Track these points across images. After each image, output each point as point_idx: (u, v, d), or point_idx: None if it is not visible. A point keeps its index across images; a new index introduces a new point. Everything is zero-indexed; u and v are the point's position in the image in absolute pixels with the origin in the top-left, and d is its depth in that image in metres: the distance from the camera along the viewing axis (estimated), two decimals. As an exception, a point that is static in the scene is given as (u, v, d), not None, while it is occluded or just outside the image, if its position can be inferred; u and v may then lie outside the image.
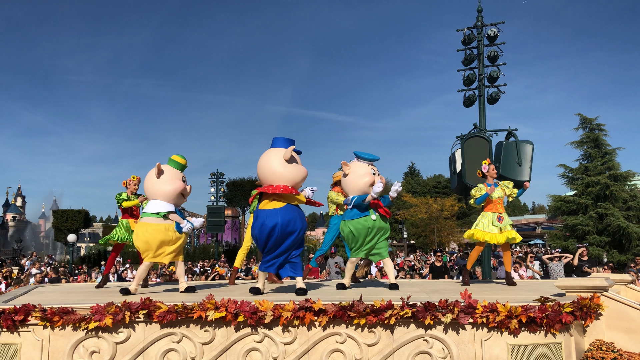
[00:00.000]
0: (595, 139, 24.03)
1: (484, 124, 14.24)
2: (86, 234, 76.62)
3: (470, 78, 14.41)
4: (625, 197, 22.82)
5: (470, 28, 14.52)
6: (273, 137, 6.43)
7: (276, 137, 6.42)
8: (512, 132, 13.74)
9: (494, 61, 14.29)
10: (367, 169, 6.83)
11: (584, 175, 23.65)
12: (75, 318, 5.04)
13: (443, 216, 41.98)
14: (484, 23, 14.46)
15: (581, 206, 23.22)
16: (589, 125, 24.53)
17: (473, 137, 13.63)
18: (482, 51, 14.42)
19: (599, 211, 22.47)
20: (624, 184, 23.40)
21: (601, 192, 22.72)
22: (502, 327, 4.80)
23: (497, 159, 13.48)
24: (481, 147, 13.40)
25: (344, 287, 6.98)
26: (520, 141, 13.51)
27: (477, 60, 14.46)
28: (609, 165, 23.37)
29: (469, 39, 14.46)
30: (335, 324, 5.02)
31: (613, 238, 21.97)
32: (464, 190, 14.66)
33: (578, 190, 23.83)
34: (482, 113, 14.31)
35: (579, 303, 5.06)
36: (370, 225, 6.72)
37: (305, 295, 5.91)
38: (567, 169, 24.80)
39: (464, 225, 50.64)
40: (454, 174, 14.40)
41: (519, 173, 13.25)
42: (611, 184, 22.58)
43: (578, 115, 24.84)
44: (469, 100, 14.49)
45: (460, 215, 46.63)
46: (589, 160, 24.10)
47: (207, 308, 5.01)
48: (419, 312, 4.87)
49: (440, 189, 54.90)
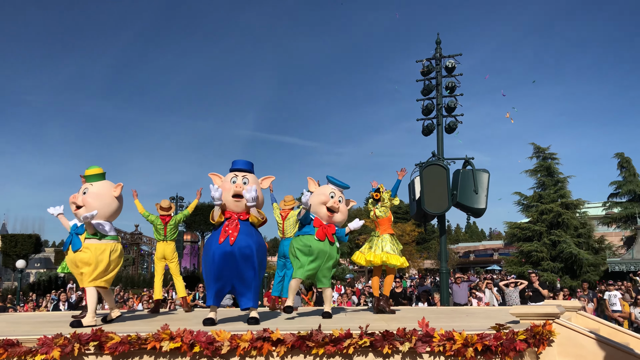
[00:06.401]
0: (547, 168, 24.96)
1: (442, 152, 14.57)
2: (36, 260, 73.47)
3: (428, 108, 14.77)
4: (576, 224, 23.66)
5: (429, 59, 14.95)
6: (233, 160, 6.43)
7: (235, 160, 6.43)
8: (469, 161, 14.11)
9: (451, 92, 14.69)
10: (327, 190, 6.87)
11: (538, 203, 24.44)
12: (20, 351, 4.80)
13: (403, 241, 42.35)
14: (442, 55, 14.91)
15: (536, 233, 23.92)
16: (542, 154, 25.50)
17: (431, 165, 13.91)
18: (440, 82, 14.82)
19: (552, 238, 23.20)
20: (575, 211, 24.28)
21: (554, 219, 23.50)
22: (458, 355, 4.84)
23: (455, 187, 13.79)
24: (439, 175, 13.68)
25: (290, 309, 6.82)
26: (477, 169, 13.88)
27: (436, 91, 14.85)
28: (561, 193, 24.26)
29: (428, 70, 14.86)
30: (294, 354, 4.95)
31: (565, 264, 22.68)
32: (422, 217, 14.91)
33: (533, 217, 24.58)
34: (440, 142, 14.65)
35: (532, 330, 5.17)
36: (311, 245, 6.58)
37: (257, 324, 5.82)
38: (522, 196, 25.60)
39: (423, 251, 51.28)
40: (413, 201, 14.63)
41: (475, 201, 13.59)
42: (563, 211, 23.39)
43: (532, 145, 25.83)
44: (427, 129, 14.83)
45: (420, 240, 47.21)
46: (542, 189, 24.97)
47: (161, 339, 4.86)
48: (377, 341, 4.86)
49: (401, 214, 55.52)
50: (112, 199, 6.57)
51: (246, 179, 6.16)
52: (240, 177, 6.16)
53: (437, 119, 14.76)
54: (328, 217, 6.75)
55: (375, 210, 7.81)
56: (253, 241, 6.04)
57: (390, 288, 7.96)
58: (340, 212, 6.84)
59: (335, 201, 6.78)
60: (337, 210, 6.80)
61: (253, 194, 5.93)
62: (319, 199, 6.78)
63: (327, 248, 6.68)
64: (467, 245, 67.70)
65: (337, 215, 6.81)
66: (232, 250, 5.91)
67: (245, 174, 6.23)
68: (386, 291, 7.86)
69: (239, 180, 6.12)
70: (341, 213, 6.88)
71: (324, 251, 6.65)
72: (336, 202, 6.78)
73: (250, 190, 5.95)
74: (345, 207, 6.97)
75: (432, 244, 54.85)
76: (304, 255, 6.61)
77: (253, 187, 6.05)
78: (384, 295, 7.82)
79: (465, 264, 53.66)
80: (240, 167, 6.31)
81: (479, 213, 14.10)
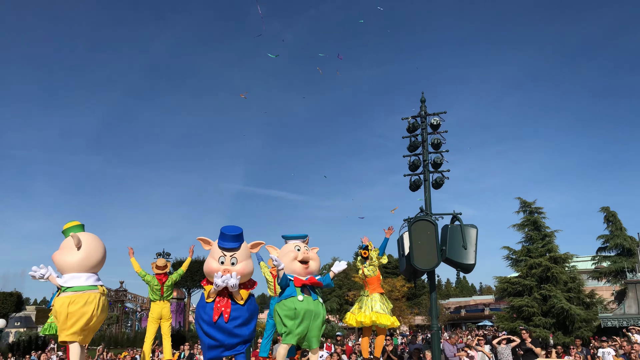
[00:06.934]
0: (534, 222, 25.12)
1: (430, 207, 14.65)
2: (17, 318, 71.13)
3: (415, 164, 14.97)
4: (565, 279, 23.60)
5: (415, 117, 15.28)
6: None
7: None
8: (457, 216, 14.17)
9: (437, 148, 14.92)
10: (291, 246, 6.92)
11: (526, 257, 24.44)
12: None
13: (393, 297, 41.79)
14: (427, 113, 15.26)
15: (526, 287, 23.78)
16: (528, 209, 25.73)
17: (420, 221, 13.94)
18: (426, 138, 15.09)
19: (543, 292, 23.06)
20: (564, 265, 24.28)
21: (543, 273, 23.45)
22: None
23: (444, 242, 13.79)
24: (428, 230, 13.69)
25: None
26: (465, 225, 13.92)
27: (422, 147, 15.08)
28: (549, 248, 24.31)
29: (414, 127, 15.16)
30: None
31: (557, 320, 22.43)
32: (412, 273, 14.80)
33: (522, 272, 24.51)
34: (428, 197, 14.76)
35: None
36: (295, 307, 6.50)
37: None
38: (511, 251, 25.61)
39: (414, 307, 50.50)
40: (403, 257, 14.56)
41: (464, 256, 13.55)
42: (551, 266, 23.37)
43: (518, 199, 26.09)
44: (414, 185, 14.97)
45: (410, 296, 46.58)
46: (530, 243, 25.04)
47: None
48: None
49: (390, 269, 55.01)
50: (74, 250, 6.39)
51: (234, 258, 6.26)
52: (228, 258, 6.26)
53: (424, 175, 14.91)
54: (304, 269, 6.78)
55: (363, 269, 7.82)
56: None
57: (381, 349, 7.85)
58: (312, 259, 6.87)
59: (304, 252, 6.84)
60: (309, 259, 6.81)
61: (233, 281, 6.07)
62: (288, 257, 6.84)
63: (312, 307, 6.62)
64: (458, 300, 66.92)
65: (312, 263, 6.86)
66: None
67: (233, 253, 6.29)
68: (377, 352, 7.75)
69: (227, 261, 6.25)
70: (313, 261, 6.91)
71: (309, 311, 6.58)
72: (305, 252, 6.83)
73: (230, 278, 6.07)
74: (314, 254, 7.00)
75: (423, 299, 54.13)
76: (290, 319, 6.52)
77: (233, 274, 6.13)
78: (375, 357, 7.71)
79: (456, 320, 52.88)
80: (229, 246, 6.33)
81: (468, 269, 14.03)
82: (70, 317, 6.18)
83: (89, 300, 6.31)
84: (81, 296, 6.28)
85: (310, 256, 6.84)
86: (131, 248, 8.87)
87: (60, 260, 6.29)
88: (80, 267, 6.44)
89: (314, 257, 6.92)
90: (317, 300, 6.73)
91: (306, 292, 6.65)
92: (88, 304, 6.28)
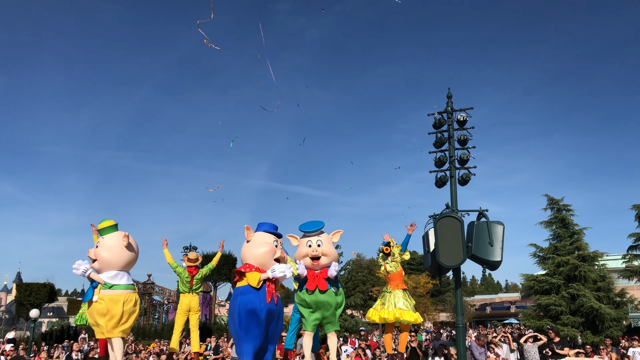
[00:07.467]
0: (562, 219, 24.70)
1: (456, 204, 14.56)
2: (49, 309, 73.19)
3: (441, 160, 14.87)
4: (594, 277, 23.16)
5: (441, 113, 15.16)
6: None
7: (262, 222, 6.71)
8: (483, 213, 14.06)
9: (463, 144, 14.78)
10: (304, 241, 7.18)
11: (554, 255, 24.07)
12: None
13: (417, 293, 41.63)
14: (453, 108, 15.13)
15: (553, 286, 23.43)
16: (556, 206, 25.30)
17: (445, 217, 13.87)
18: (452, 135, 14.97)
19: (571, 291, 22.68)
20: (592, 264, 23.82)
21: (571, 272, 23.05)
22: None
23: (470, 239, 13.70)
24: (453, 227, 13.62)
25: None
26: (491, 222, 13.81)
27: (448, 143, 14.97)
28: (577, 245, 23.88)
29: (440, 123, 15.04)
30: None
31: (587, 319, 22.05)
32: (437, 269, 14.75)
33: (549, 269, 24.15)
34: (454, 194, 14.67)
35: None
36: (306, 299, 6.90)
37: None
38: (538, 248, 25.24)
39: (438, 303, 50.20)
40: (428, 253, 14.52)
41: (490, 253, 13.45)
42: (580, 264, 22.95)
43: (545, 196, 25.68)
44: (440, 181, 14.89)
45: (434, 292, 46.33)
46: (558, 240, 24.63)
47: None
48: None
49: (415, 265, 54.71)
50: (123, 249, 6.68)
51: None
52: (314, 240, 7.05)
53: (450, 171, 14.82)
54: (314, 265, 6.91)
55: (385, 265, 7.88)
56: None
57: (405, 345, 7.92)
58: (324, 255, 6.94)
59: (314, 249, 6.97)
60: (320, 255, 6.91)
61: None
62: (299, 253, 7.12)
63: (320, 298, 6.90)
64: (483, 297, 66.17)
65: (322, 259, 6.95)
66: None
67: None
68: (401, 348, 7.82)
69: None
70: (325, 256, 6.97)
71: (319, 302, 6.90)
72: (315, 250, 6.95)
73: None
74: (329, 248, 7.06)
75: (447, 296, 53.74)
76: (304, 309, 6.96)
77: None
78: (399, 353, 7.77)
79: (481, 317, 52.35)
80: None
81: (494, 266, 13.92)
82: (125, 314, 6.52)
83: (137, 299, 6.77)
84: (132, 295, 6.68)
85: (321, 252, 6.98)
86: (165, 239, 9.09)
87: (107, 258, 6.52)
88: (126, 266, 6.79)
89: (327, 252, 7.03)
90: (330, 290, 6.88)
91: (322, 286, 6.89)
92: (137, 303, 6.74)
